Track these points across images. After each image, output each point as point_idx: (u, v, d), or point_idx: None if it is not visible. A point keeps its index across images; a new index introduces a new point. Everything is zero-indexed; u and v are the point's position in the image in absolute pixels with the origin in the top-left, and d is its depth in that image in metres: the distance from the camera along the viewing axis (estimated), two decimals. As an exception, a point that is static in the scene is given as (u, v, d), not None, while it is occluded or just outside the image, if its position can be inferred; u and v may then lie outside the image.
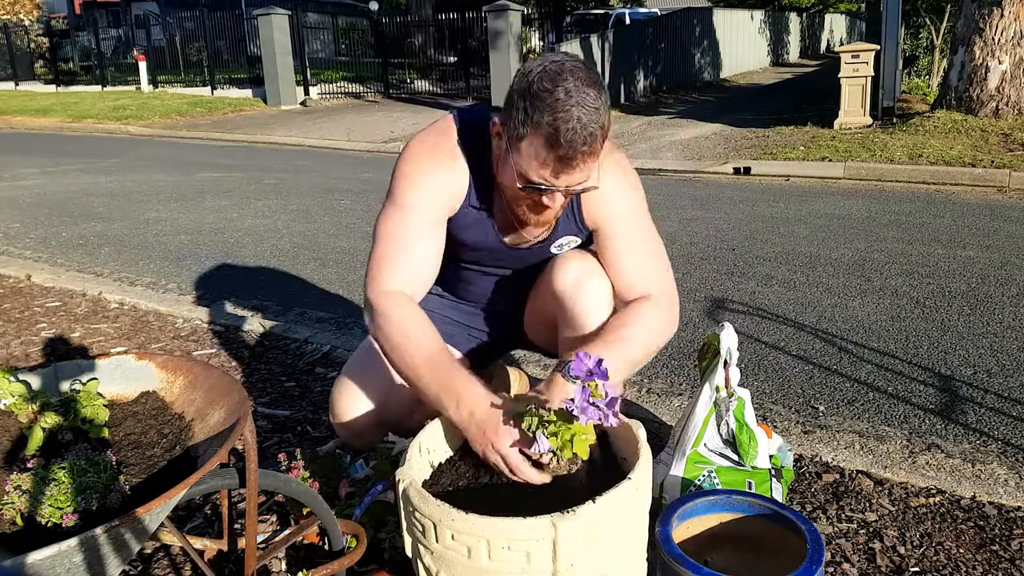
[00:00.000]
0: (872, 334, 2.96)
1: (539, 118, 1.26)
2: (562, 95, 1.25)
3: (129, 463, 1.09)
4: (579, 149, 1.27)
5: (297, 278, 3.93)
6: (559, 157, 1.28)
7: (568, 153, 1.27)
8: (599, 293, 1.51)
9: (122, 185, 7.08)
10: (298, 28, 15.08)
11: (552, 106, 1.25)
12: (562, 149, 1.27)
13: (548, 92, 1.26)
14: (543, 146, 1.28)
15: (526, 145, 1.30)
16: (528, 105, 1.28)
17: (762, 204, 5.66)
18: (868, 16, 28.81)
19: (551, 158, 1.29)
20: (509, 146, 1.34)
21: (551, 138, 1.26)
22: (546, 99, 1.26)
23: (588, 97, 1.26)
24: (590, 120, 1.26)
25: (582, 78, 1.27)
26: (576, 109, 1.25)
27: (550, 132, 1.26)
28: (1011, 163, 6.45)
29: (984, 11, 8.00)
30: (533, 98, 1.27)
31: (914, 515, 1.73)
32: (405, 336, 1.38)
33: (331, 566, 1.30)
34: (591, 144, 1.28)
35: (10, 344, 2.94)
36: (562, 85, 1.26)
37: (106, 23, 24.30)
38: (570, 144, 1.26)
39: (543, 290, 1.61)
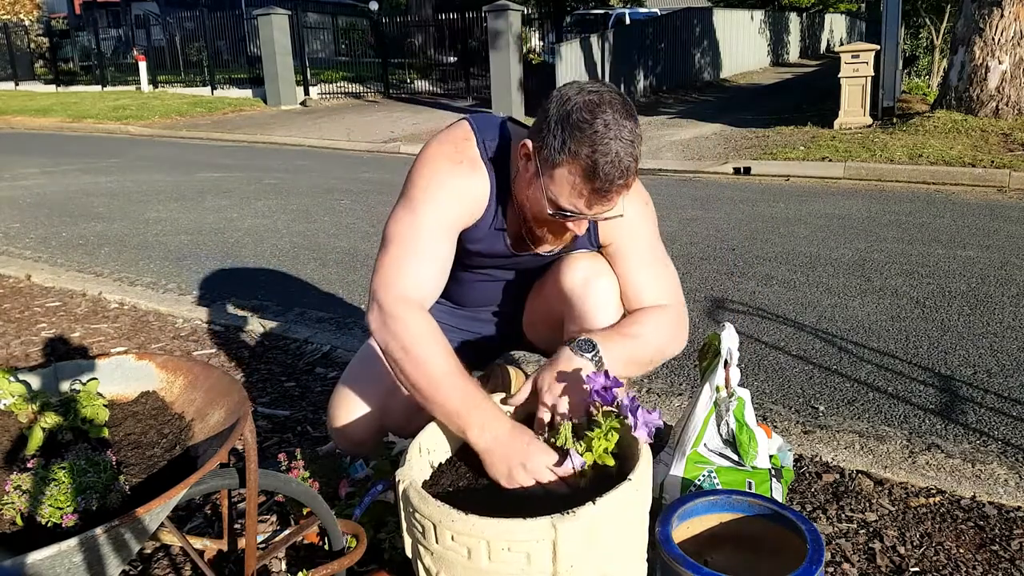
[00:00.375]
0: (872, 334, 2.96)
1: (577, 148, 1.26)
2: (601, 127, 1.25)
3: (129, 463, 1.09)
4: (616, 183, 1.28)
5: (297, 278, 3.93)
6: (595, 189, 1.29)
7: (604, 186, 1.28)
8: (607, 292, 1.51)
9: (122, 185, 7.08)
10: (298, 28, 15.08)
11: (592, 138, 1.25)
12: (599, 182, 1.27)
13: (587, 123, 1.26)
14: (580, 177, 1.28)
15: (561, 173, 1.30)
16: (566, 134, 1.27)
17: (762, 204, 5.66)
18: (868, 16, 28.81)
19: (587, 189, 1.29)
20: (541, 170, 1.33)
21: (589, 171, 1.27)
22: (586, 130, 1.26)
23: (625, 130, 1.27)
24: (627, 154, 1.27)
25: (619, 110, 1.28)
26: (615, 143, 1.26)
27: (588, 164, 1.26)
28: (1011, 163, 6.45)
29: (984, 11, 8.00)
30: (572, 128, 1.27)
31: (914, 515, 1.73)
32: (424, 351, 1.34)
33: (331, 566, 1.30)
34: (627, 178, 1.29)
35: (10, 344, 2.94)
36: (601, 117, 1.26)
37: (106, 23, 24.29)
38: (607, 177, 1.27)
39: (548, 289, 1.60)
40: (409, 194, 1.46)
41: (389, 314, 1.37)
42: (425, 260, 1.43)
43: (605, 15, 20.20)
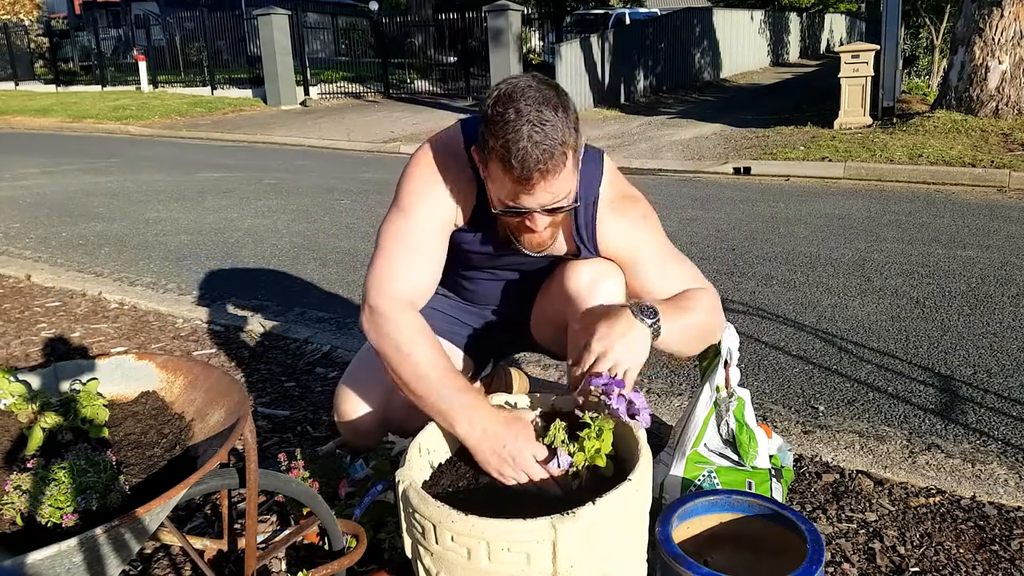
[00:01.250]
0: (872, 334, 2.96)
1: (493, 142, 1.26)
2: (512, 116, 1.24)
3: (129, 463, 1.09)
4: (534, 168, 1.25)
5: (297, 278, 3.93)
6: (515, 179, 1.27)
7: (524, 173, 1.25)
8: (614, 294, 1.51)
9: (122, 185, 7.08)
10: (298, 28, 15.08)
11: (503, 128, 1.25)
12: (516, 170, 1.25)
13: (500, 115, 1.26)
14: (500, 170, 1.28)
15: (492, 170, 1.31)
16: (485, 130, 1.28)
17: (762, 204, 5.66)
18: (868, 16, 28.79)
19: (509, 180, 1.28)
20: (484, 172, 1.35)
21: (505, 160, 1.26)
22: (498, 122, 1.26)
23: (541, 115, 1.25)
24: (542, 137, 1.24)
25: (534, 97, 1.26)
26: (526, 127, 1.24)
27: (503, 154, 1.25)
28: (1011, 163, 6.45)
29: (984, 11, 7.99)
30: (488, 123, 1.28)
31: (914, 515, 1.73)
32: (415, 350, 1.37)
33: (331, 566, 1.30)
34: (546, 162, 1.25)
35: (10, 344, 2.94)
36: (512, 107, 1.25)
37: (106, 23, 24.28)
38: (523, 163, 1.24)
39: (555, 290, 1.60)
40: (400, 198, 1.50)
41: (380, 315, 1.40)
42: (416, 262, 1.46)
43: (605, 15, 20.19)
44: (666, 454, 1.70)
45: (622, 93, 13.76)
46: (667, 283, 1.51)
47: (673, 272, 1.52)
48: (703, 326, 1.48)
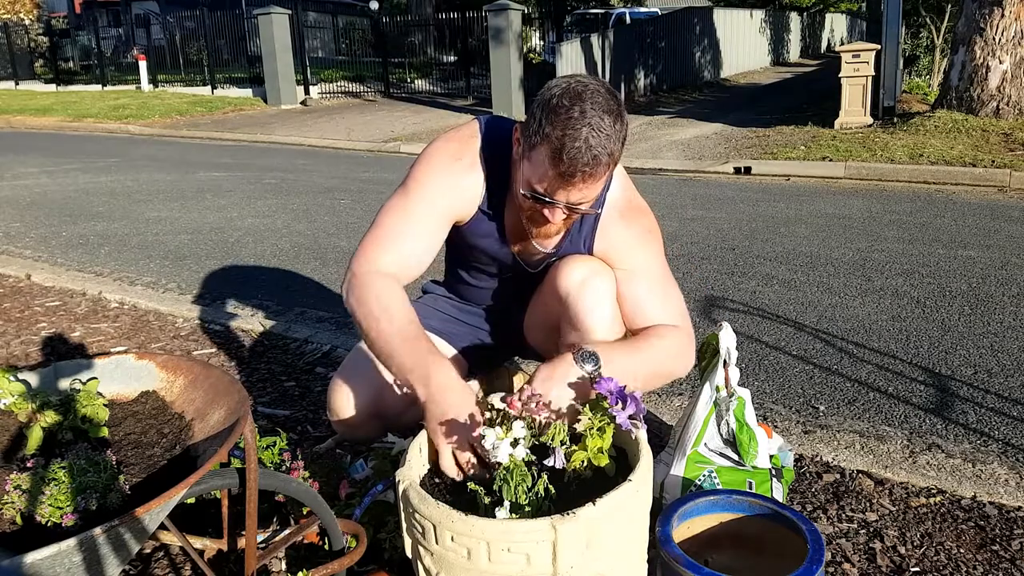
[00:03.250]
0: (872, 334, 2.95)
1: (550, 131, 1.30)
2: (576, 113, 1.28)
3: (129, 463, 1.09)
4: (579, 168, 1.29)
5: (297, 277, 3.92)
6: (560, 173, 1.31)
7: (569, 170, 1.30)
8: (602, 293, 1.52)
9: (122, 184, 7.08)
10: (298, 27, 15.07)
11: (565, 122, 1.28)
12: (563, 165, 1.29)
13: (565, 108, 1.29)
14: (548, 158, 1.31)
15: (536, 154, 1.34)
16: (544, 117, 1.31)
17: (763, 204, 5.66)
18: (869, 16, 28.80)
19: (552, 172, 1.32)
20: (523, 152, 1.38)
21: (556, 152, 1.29)
22: (561, 114, 1.29)
23: (602, 122, 1.29)
24: (597, 143, 1.28)
25: (601, 103, 1.30)
26: (586, 130, 1.28)
27: (556, 146, 1.29)
28: (1012, 163, 6.45)
29: (985, 11, 7.99)
30: (550, 112, 1.30)
31: (915, 515, 1.73)
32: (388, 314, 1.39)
33: (331, 566, 1.30)
34: (593, 167, 1.30)
35: (10, 343, 2.94)
36: (579, 105, 1.29)
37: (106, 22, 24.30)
38: (572, 161, 1.29)
39: (546, 291, 1.61)
40: (407, 181, 1.53)
41: (362, 282, 1.43)
42: (408, 240, 1.48)
43: (605, 15, 20.19)
44: (666, 454, 1.70)
45: (622, 93, 13.75)
46: (649, 306, 1.52)
47: (655, 297, 1.53)
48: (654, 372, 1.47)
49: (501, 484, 1.21)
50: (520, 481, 1.21)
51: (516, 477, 1.21)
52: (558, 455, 1.27)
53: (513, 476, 1.21)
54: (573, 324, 1.54)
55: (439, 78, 16.26)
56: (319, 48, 18.55)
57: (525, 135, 1.36)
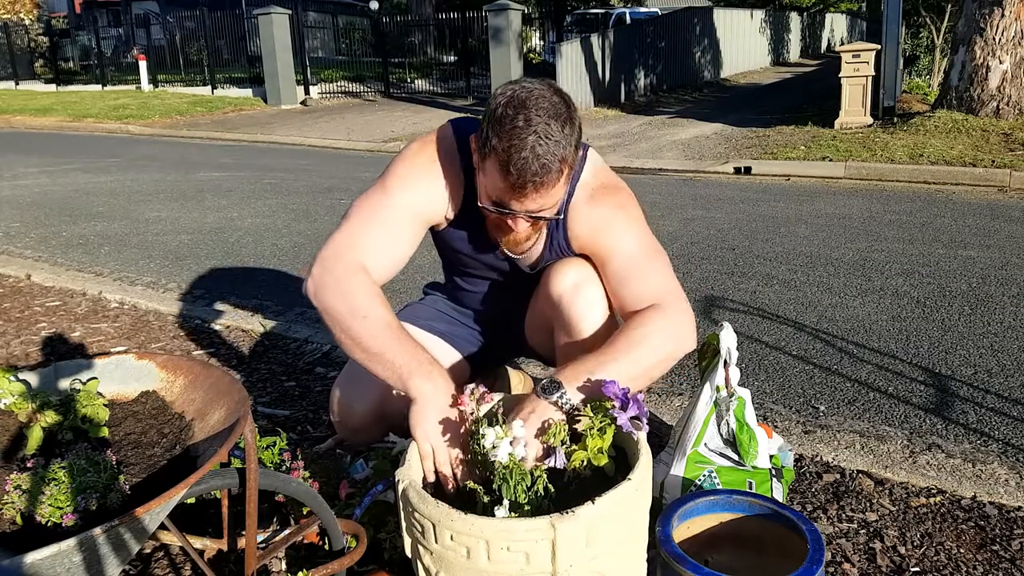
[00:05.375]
0: (873, 334, 2.95)
1: (496, 143, 1.27)
2: (521, 123, 1.25)
3: (129, 463, 1.09)
4: (529, 179, 1.27)
5: (297, 277, 3.92)
6: (510, 184, 1.28)
7: (519, 181, 1.27)
8: (595, 299, 1.51)
9: (122, 184, 7.08)
10: (298, 27, 15.08)
11: (510, 133, 1.26)
12: (512, 177, 1.27)
13: (509, 118, 1.26)
14: (497, 171, 1.29)
15: (488, 166, 1.31)
16: (490, 128, 1.29)
17: (763, 204, 5.65)
18: (869, 16, 28.81)
19: (503, 184, 1.29)
20: (478, 164, 1.36)
21: (504, 165, 1.27)
22: (506, 124, 1.26)
23: (549, 128, 1.26)
24: (545, 151, 1.25)
25: (546, 109, 1.27)
26: (532, 138, 1.25)
27: (504, 159, 1.27)
28: (1012, 163, 6.45)
29: (985, 11, 7.99)
30: (495, 123, 1.28)
31: (915, 515, 1.73)
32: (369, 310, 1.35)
33: (331, 566, 1.30)
34: (543, 176, 1.27)
35: (10, 343, 2.94)
36: (523, 113, 1.26)
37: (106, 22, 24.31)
38: (521, 172, 1.26)
39: (541, 295, 1.62)
40: (384, 178, 1.50)
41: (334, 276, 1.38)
42: (380, 239, 1.44)
43: (606, 14, 20.18)
44: (666, 454, 1.70)
45: (622, 92, 13.76)
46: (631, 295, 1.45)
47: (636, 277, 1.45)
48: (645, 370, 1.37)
49: (500, 483, 1.21)
50: (519, 480, 1.21)
51: (515, 476, 1.21)
52: (558, 455, 1.27)
53: (512, 475, 1.21)
54: (566, 330, 1.54)
55: (439, 78, 16.26)
56: (319, 48, 18.55)
57: (478, 147, 1.34)
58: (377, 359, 1.34)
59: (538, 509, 1.20)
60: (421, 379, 1.30)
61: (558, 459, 1.27)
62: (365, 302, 1.36)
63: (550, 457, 1.28)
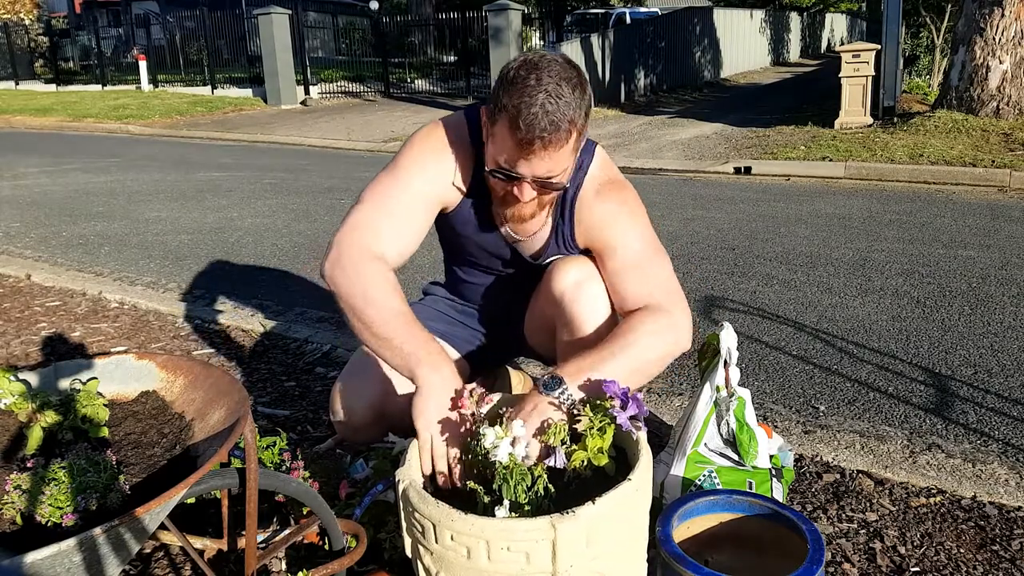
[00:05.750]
0: (873, 334, 2.95)
1: (507, 101, 1.30)
2: (533, 81, 1.28)
3: (129, 463, 1.09)
4: (537, 134, 1.27)
5: (297, 277, 3.92)
6: (519, 141, 1.29)
7: (527, 136, 1.28)
8: (598, 297, 1.51)
9: (122, 184, 7.08)
10: (298, 27, 15.08)
11: (521, 91, 1.28)
12: (521, 132, 1.28)
13: (521, 78, 1.29)
14: (507, 128, 1.30)
15: (498, 128, 1.33)
16: (501, 90, 1.32)
17: (763, 204, 5.66)
18: (869, 16, 28.82)
19: (512, 141, 1.31)
20: (487, 133, 1.38)
21: (513, 120, 1.29)
22: (517, 84, 1.29)
23: (560, 88, 1.28)
24: (555, 108, 1.27)
25: (558, 72, 1.30)
26: (543, 95, 1.27)
27: (513, 114, 1.28)
28: (1012, 163, 6.45)
29: (985, 11, 7.99)
30: (508, 84, 1.31)
31: (915, 515, 1.73)
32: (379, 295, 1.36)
33: (331, 566, 1.30)
34: (552, 132, 1.28)
35: (10, 343, 2.94)
36: (535, 73, 1.29)
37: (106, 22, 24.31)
38: (529, 127, 1.27)
39: (543, 293, 1.62)
40: (395, 162, 1.52)
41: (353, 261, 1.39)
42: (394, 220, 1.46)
43: (606, 14, 20.20)
44: (666, 454, 1.70)
45: (622, 92, 13.76)
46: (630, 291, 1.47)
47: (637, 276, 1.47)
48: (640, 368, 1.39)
49: (500, 483, 1.21)
50: (520, 480, 1.21)
51: (516, 476, 1.21)
52: (558, 455, 1.27)
53: (513, 475, 1.21)
54: (568, 328, 1.55)
55: (439, 78, 16.26)
56: (319, 48, 18.55)
57: (488, 114, 1.37)
58: (386, 344, 1.34)
59: (538, 509, 1.20)
60: (429, 368, 1.30)
61: (558, 459, 1.27)
62: (379, 287, 1.36)
63: (550, 456, 1.28)
